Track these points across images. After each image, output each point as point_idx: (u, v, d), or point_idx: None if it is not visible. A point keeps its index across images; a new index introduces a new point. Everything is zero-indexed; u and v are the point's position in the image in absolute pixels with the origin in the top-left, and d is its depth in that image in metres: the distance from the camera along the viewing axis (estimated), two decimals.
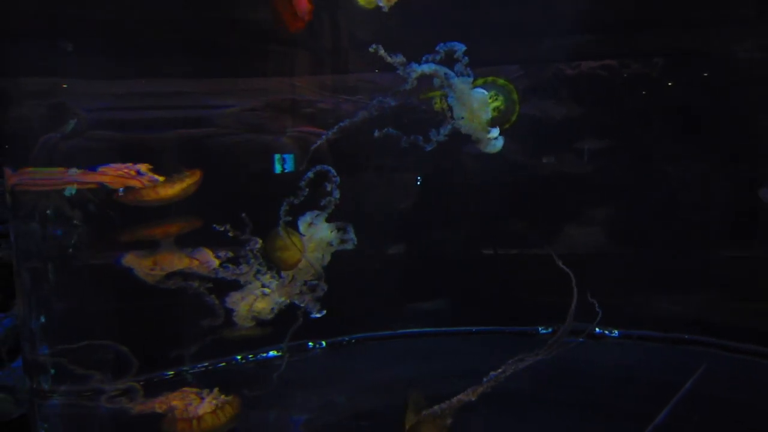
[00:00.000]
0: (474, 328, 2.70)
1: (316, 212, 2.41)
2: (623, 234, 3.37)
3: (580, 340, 3.24)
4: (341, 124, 2.02)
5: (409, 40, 2.06)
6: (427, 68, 1.90)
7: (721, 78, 3.13)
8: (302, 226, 2.39)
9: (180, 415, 2.21)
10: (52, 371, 2.52)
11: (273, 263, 2.39)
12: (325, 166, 2.37)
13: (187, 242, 2.40)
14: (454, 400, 2.33)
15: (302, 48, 2.83)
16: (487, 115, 2.03)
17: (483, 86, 2.07)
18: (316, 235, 2.42)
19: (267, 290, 2.45)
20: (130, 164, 2.31)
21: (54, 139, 2.49)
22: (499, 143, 2.12)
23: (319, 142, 2.34)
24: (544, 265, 3.43)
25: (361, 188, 3.26)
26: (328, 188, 2.37)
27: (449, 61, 1.99)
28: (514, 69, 2.98)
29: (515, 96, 1.98)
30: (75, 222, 2.60)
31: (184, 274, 2.36)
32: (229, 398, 2.32)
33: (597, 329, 3.28)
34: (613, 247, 3.36)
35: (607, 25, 3.08)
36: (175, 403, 2.25)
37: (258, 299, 2.45)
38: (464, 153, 3.20)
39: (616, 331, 3.27)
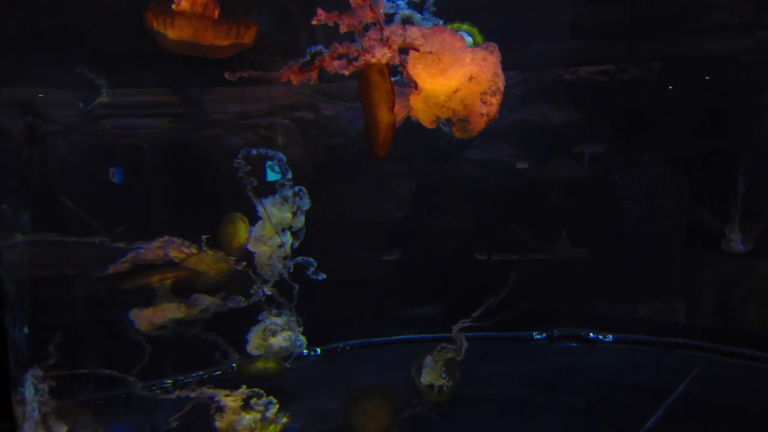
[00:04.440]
0: (468, 334, 2.82)
1: (276, 196, 2.61)
2: (619, 238, 3.54)
3: (573, 345, 3.43)
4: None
5: None
6: (402, 11, 1.98)
7: (719, 82, 3.31)
8: (261, 209, 2.57)
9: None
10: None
11: (223, 247, 2.57)
12: (270, 151, 2.55)
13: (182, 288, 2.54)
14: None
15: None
16: None
17: None
18: (277, 217, 2.59)
19: (278, 319, 2.62)
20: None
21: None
22: None
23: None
24: (538, 271, 3.57)
25: (357, 195, 3.39)
26: (271, 165, 2.54)
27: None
28: (512, 74, 3.09)
29: (479, 39, 2.07)
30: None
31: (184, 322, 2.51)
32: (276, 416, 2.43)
33: (591, 334, 3.46)
34: (609, 251, 3.55)
35: (605, 30, 3.22)
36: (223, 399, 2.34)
37: (268, 331, 2.62)
38: (462, 158, 3.33)
39: (611, 336, 3.45)
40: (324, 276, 2.60)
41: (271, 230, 2.60)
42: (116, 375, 2.44)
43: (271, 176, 2.71)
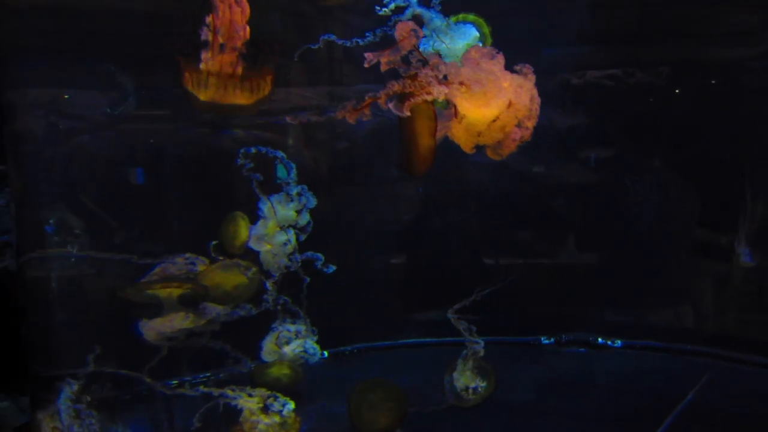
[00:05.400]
0: (475, 339, 2.84)
1: (281, 193, 2.66)
2: (628, 243, 3.54)
3: (582, 350, 3.44)
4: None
5: None
6: (414, 9, 2.02)
7: (727, 87, 3.32)
8: (268, 205, 2.62)
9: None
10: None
11: (224, 246, 2.62)
12: (270, 150, 2.60)
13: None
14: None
15: (311, 61, 3.01)
16: None
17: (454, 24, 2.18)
18: (281, 214, 2.64)
19: (291, 326, 2.67)
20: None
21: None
22: None
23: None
24: (546, 276, 3.59)
25: (364, 199, 3.43)
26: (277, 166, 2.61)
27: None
28: None
29: (486, 30, 2.09)
30: (77, 231, 2.76)
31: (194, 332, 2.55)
32: (291, 418, 2.47)
33: (600, 339, 3.46)
34: (618, 255, 3.55)
35: (612, 35, 3.25)
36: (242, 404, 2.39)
37: (282, 338, 2.67)
38: (468, 162, 3.36)
39: (619, 341, 3.45)
40: (334, 268, 2.63)
41: (274, 228, 2.64)
42: (132, 375, 2.48)
43: (280, 174, 2.76)
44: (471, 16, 2.09)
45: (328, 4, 2.32)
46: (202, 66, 2.01)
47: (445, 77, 1.77)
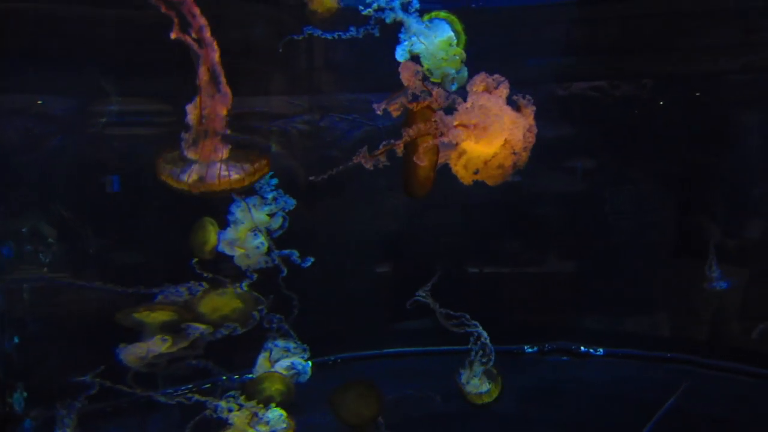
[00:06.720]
0: (459, 348, 2.84)
1: (255, 197, 2.63)
2: (610, 252, 3.60)
3: (564, 358, 3.47)
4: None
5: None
6: (396, 15, 2.02)
7: (708, 100, 3.38)
8: (244, 206, 2.60)
9: None
10: (25, 394, 2.61)
11: (195, 253, 2.57)
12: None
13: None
14: None
15: (301, 70, 3.00)
16: (452, 49, 2.09)
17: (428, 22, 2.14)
18: (255, 218, 2.62)
19: (281, 343, 2.65)
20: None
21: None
22: (464, 73, 2.21)
23: None
24: (529, 285, 3.62)
25: (350, 207, 3.42)
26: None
27: None
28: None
29: (459, 27, 2.10)
30: (50, 240, 2.70)
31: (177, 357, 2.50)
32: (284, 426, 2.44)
33: (582, 348, 3.50)
34: (600, 265, 3.60)
35: (597, 47, 3.29)
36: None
37: (274, 355, 2.64)
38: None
39: (601, 350, 3.49)
40: (312, 260, 2.60)
41: (245, 232, 2.60)
42: (125, 389, 2.43)
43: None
44: (442, 14, 2.10)
45: (314, 19, 2.31)
46: (183, 153, 1.93)
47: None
